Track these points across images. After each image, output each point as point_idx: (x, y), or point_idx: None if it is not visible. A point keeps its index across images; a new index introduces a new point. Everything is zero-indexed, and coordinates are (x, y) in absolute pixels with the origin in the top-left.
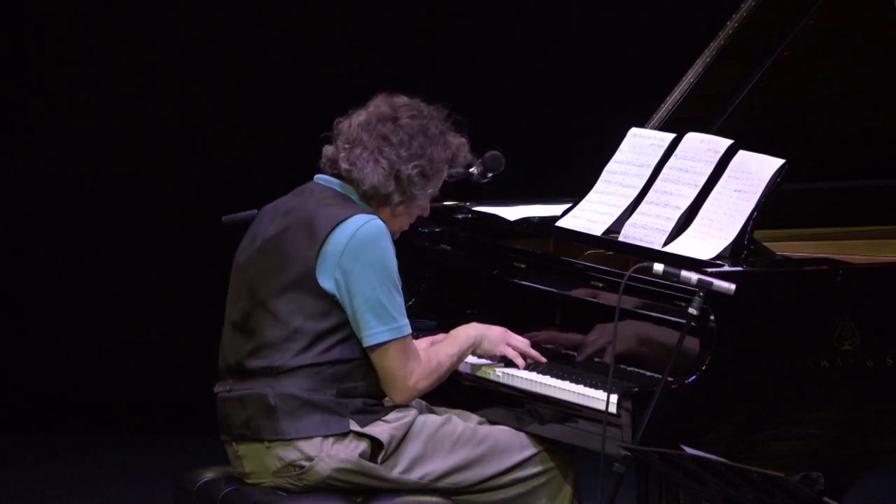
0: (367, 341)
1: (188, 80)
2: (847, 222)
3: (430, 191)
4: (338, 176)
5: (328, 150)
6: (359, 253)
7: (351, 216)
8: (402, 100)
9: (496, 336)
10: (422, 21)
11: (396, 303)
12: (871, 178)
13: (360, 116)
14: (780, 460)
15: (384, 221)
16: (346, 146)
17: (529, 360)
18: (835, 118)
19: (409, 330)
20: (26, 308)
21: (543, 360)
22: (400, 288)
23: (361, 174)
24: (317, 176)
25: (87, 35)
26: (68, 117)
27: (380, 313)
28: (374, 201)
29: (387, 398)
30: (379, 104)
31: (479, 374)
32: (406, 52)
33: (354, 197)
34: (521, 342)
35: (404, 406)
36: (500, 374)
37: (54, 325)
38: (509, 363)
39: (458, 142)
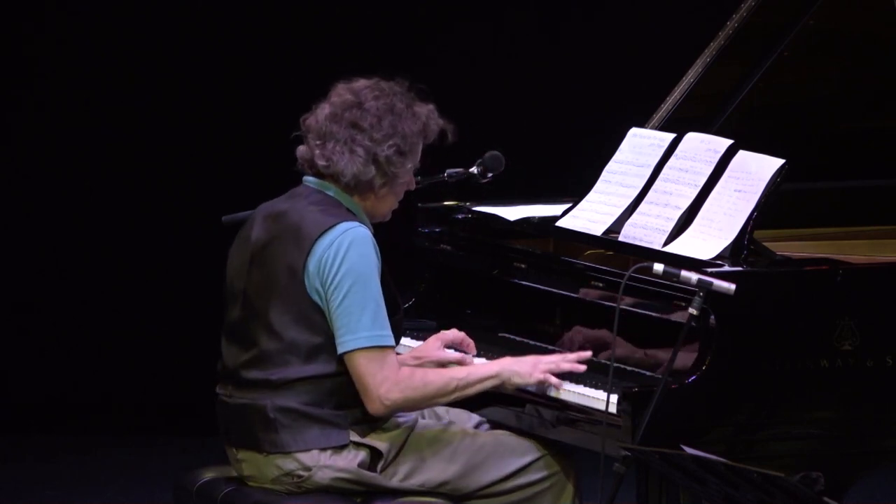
0: (339, 349)
1: (188, 80)
2: (847, 222)
3: (409, 166)
4: (318, 175)
5: (301, 150)
6: (336, 261)
7: (335, 225)
8: (361, 83)
9: (526, 370)
10: (421, 21)
11: (370, 311)
12: (871, 178)
13: (324, 110)
14: (780, 460)
15: (372, 207)
16: (318, 142)
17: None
18: (835, 118)
19: (385, 341)
20: (26, 308)
21: (582, 367)
22: (379, 298)
23: (338, 167)
24: (304, 178)
25: (87, 35)
26: (68, 117)
27: (350, 322)
28: (357, 191)
29: None
30: (340, 93)
31: None
32: (406, 52)
33: (334, 193)
34: (555, 361)
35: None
36: None
37: (54, 325)
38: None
39: (425, 110)
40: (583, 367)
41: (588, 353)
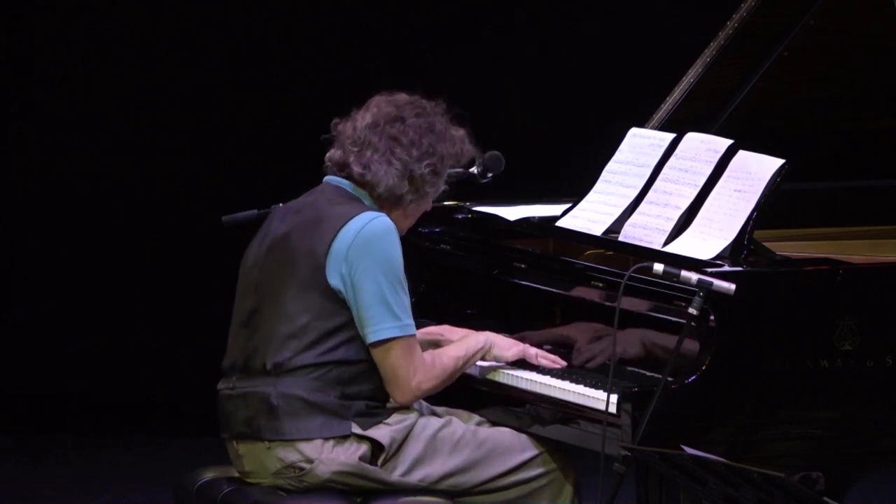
0: (371, 337)
1: (188, 80)
2: (847, 222)
3: (439, 186)
4: (349, 178)
5: (335, 153)
6: (365, 249)
7: (359, 213)
8: (403, 97)
9: (506, 344)
10: (421, 20)
11: (402, 301)
12: (871, 178)
13: (364, 118)
14: (780, 460)
15: (395, 222)
16: (355, 149)
17: (545, 362)
18: (835, 118)
19: (414, 330)
20: (26, 308)
21: (562, 362)
22: (406, 287)
23: (376, 177)
24: (327, 177)
25: (87, 35)
26: (68, 117)
27: (385, 310)
28: (387, 203)
29: (390, 401)
30: (381, 105)
31: (487, 376)
32: (406, 52)
33: (366, 199)
34: (536, 351)
35: (406, 408)
36: (501, 374)
37: (55, 324)
38: (520, 366)
39: (459, 135)
40: (559, 364)
41: (562, 363)
